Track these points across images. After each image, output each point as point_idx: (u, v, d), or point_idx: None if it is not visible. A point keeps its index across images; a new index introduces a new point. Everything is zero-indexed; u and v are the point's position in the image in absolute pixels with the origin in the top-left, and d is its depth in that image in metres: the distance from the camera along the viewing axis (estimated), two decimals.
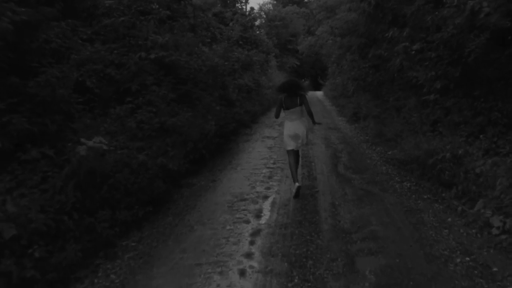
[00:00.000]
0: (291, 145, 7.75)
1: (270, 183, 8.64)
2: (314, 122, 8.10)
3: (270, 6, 48.18)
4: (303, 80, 48.66)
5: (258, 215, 6.79)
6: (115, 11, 10.21)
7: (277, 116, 7.76)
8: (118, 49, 8.75)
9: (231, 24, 21.57)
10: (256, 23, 27.17)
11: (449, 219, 6.63)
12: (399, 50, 9.41)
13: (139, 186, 6.31)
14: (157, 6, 10.58)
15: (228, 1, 23.69)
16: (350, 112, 18.00)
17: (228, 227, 6.30)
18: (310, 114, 7.84)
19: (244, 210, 7.02)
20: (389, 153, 11.18)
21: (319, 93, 38.28)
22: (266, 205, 7.28)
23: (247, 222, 6.51)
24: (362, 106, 16.80)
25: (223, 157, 10.90)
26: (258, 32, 27.03)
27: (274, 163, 10.27)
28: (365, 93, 16.94)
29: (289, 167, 7.88)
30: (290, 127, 7.70)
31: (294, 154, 7.80)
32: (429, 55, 8.55)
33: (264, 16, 46.05)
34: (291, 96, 7.50)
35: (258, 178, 8.97)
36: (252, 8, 26.78)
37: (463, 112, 8.11)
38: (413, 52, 8.99)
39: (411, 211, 6.96)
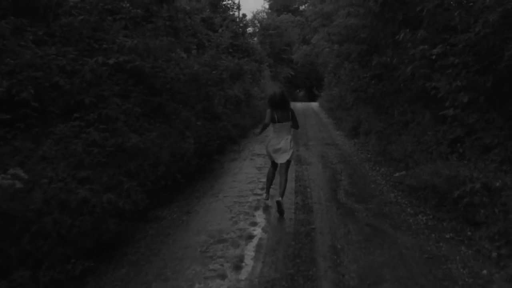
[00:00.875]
0: (277, 159, 7.44)
1: (257, 216, 7.11)
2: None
3: (264, 14, 46.94)
4: (297, 91, 47.34)
5: (238, 266, 5.25)
6: (80, 10, 8.71)
7: (268, 123, 7.40)
8: (74, 53, 7.21)
9: (220, 30, 20.13)
10: (248, 30, 25.72)
11: (484, 271, 5.14)
12: (415, 55, 7.90)
13: (79, 230, 4.77)
14: (128, 5, 9.07)
15: (218, 7, 22.23)
16: (349, 126, 16.54)
17: (196, 286, 4.76)
18: (296, 128, 7.74)
19: (220, 257, 5.47)
20: (396, 175, 9.72)
21: (315, 104, 36.84)
22: (250, 250, 5.74)
23: (223, 277, 4.96)
24: (363, 120, 15.34)
25: (204, 181, 9.37)
26: (251, 40, 25.59)
27: (262, 189, 8.74)
28: (365, 106, 15.49)
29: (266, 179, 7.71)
30: (273, 143, 7.47)
31: (274, 166, 7.58)
32: (451, 61, 7.06)
33: (258, 24, 44.74)
34: (283, 109, 7.26)
35: (243, 209, 7.44)
36: (244, 15, 25.39)
37: (492, 131, 6.61)
38: (433, 57, 7.49)
39: (433, 259, 5.46)
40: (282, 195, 7.07)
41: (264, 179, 9.35)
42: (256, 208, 7.52)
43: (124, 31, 9.14)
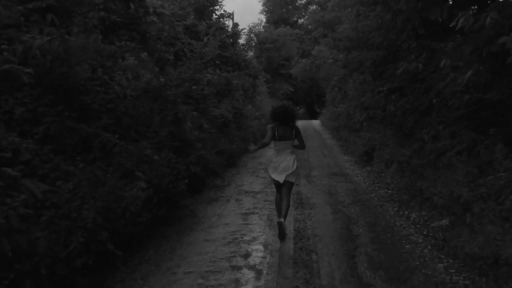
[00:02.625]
0: (277, 178, 6.57)
1: None
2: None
3: (260, 27, 44.41)
4: (297, 107, 44.57)
5: None
6: None
7: (267, 142, 6.50)
8: None
9: (205, 39, 17.42)
10: (240, 41, 22.99)
11: None
12: (483, 50, 5.05)
13: None
14: None
15: (205, 13, 19.49)
16: (359, 150, 13.71)
17: None
18: (302, 148, 6.83)
19: None
20: (435, 225, 6.92)
21: (316, 123, 34.05)
22: None
23: None
24: (377, 144, 12.53)
25: (163, 242, 6.48)
26: (244, 52, 22.85)
27: (247, 255, 5.89)
28: (380, 126, 12.69)
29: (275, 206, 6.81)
30: (276, 161, 6.60)
31: (280, 189, 6.65)
32: None
33: (254, 38, 42.16)
34: (285, 126, 6.48)
35: None
36: (236, 24, 22.65)
37: None
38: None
39: None
40: (284, 217, 6.34)
41: (253, 234, 6.77)
42: None
43: (48, 28, 6.32)
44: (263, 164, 13.66)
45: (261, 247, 6.19)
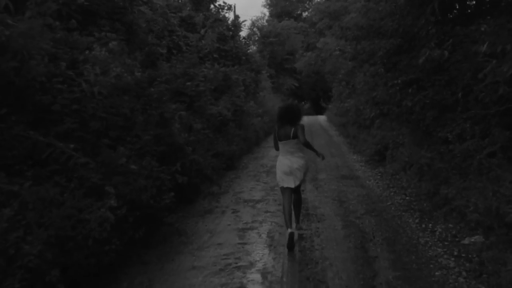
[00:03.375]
0: (284, 183, 6.19)
1: None
2: (318, 154, 6.50)
3: (263, 21, 43.06)
4: (302, 103, 43.28)
5: None
6: None
7: (276, 148, 6.42)
8: None
9: (202, 31, 16.27)
10: (242, 33, 21.80)
11: None
12: None
13: None
14: None
15: (202, 4, 18.29)
16: (370, 149, 12.55)
17: None
18: (308, 145, 6.15)
19: None
20: (466, 242, 5.84)
21: (322, 118, 32.84)
22: None
23: None
24: (390, 143, 11.38)
25: (134, 276, 5.34)
26: (245, 45, 21.67)
27: None
28: (392, 122, 11.54)
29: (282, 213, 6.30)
30: (284, 162, 6.22)
31: (289, 193, 6.20)
32: None
33: (257, 32, 40.92)
34: (285, 125, 6.19)
35: None
36: (237, 16, 21.46)
37: None
38: None
39: None
40: (298, 219, 6.48)
41: (250, 259, 5.59)
42: None
43: (1, 14, 5.21)
44: (265, 166, 12.54)
45: (258, 277, 5.07)
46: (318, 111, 38.80)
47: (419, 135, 9.07)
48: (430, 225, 6.79)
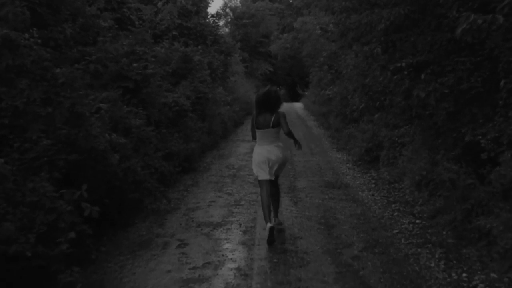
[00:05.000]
0: (262, 174, 5.84)
1: None
2: (296, 143, 6.10)
3: (237, 2, 40.35)
4: (278, 88, 40.84)
5: None
6: None
7: (253, 137, 6.08)
8: None
9: (160, 4, 13.73)
10: (209, 10, 19.22)
11: None
12: None
13: None
14: None
15: None
16: (360, 147, 10.34)
17: None
18: (290, 135, 5.89)
19: None
20: None
21: (298, 106, 30.58)
22: None
23: None
24: (386, 141, 9.23)
25: None
26: (214, 24, 19.15)
27: None
28: (388, 116, 9.37)
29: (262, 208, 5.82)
30: (261, 152, 5.85)
31: (268, 185, 5.82)
32: None
33: (230, 13, 38.23)
34: (263, 112, 5.80)
35: None
36: None
37: None
38: None
39: None
40: (276, 213, 5.99)
41: None
42: None
43: None
44: (231, 167, 10.23)
45: None
46: (294, 98, 36.51)
47: (433, 135, 6.87)
48: (464, 274, 4.60)
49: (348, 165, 10.45)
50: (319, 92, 19.34)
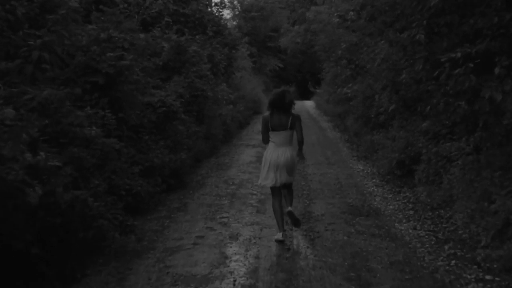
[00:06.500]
0: (272, 180, 5.51)
1: None
2: (300, 156, 5.75)
3: None
4: (288, 86, 38.80)
5: None
6: None
7: (264, 141, 5.70)
8: None
9: None
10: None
11: None
12: None
13: None
14: None
15: None
16: (390, 159, 8.38)
17: None
18: (301, 144, 5.70)
19: None
20: None
21: (309, 105, 28.57)
22: None
23: None
24: (426, 152, 7.32)
25: None
26: (217, 13, 17.19)
27: None
28: (419, 122, 7.46)
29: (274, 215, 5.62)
30: (273, 155, 5.53)
31: (279, 191, 5.61)
32: None
33: (238, 5, 36.22)
34: (280, 113, 5.51)
35: None
36: None
37: None
38: None
39: None
40: (291, 204, 5.63)
41: None
42: None
43: None
44: (231, 183, 8.35)
45: None
46: (305, 95, 34.43)
47: (506, 154, 4.92)
48: None
49: (374, 180, 8.50)
50: (335, 90, 17.35)
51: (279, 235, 5.33)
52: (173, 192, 7.48)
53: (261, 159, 5.76)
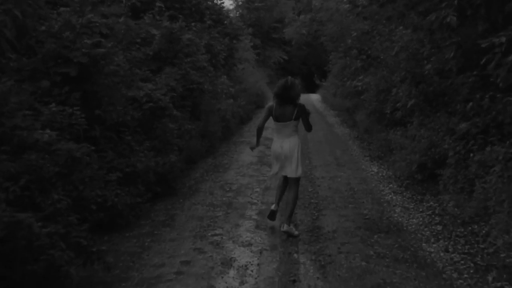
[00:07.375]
0: (279, 170, 5.57)
1: None
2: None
3: None
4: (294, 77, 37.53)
5: None
6: None
7: (260, 126, 5.62)
8: None
9: None
10: None
11: None
12: None
13: None
14: None
15: None
16: (410, 162, 7.32)
17: None
18: (307, 129, 5.67)
19: None
20: None
21: (315, 98, 27.53)
22: None
23: None
24: (452, 153, 6.30)
25: None
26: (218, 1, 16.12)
27: None
28: (452, 118, 6.42)
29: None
30: (274, 146, 5.56)
31: (286, 178, 5.56)
32: None
33: None
34: (284, 104, 5.38)
35: None
36: None
37: None
38: None
39: None
40: (288, 221, 5.28)
41: None
42: None
43: None
44: (228, 189, 7.34)
45: None
46: (310, 88, 33.31)
47: None
48: None
49: (391, 185, 7.46)
50: (343, 83, 16.26)
51: (274, 206, 5.52)
52: (160, 201, 6.48)
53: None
